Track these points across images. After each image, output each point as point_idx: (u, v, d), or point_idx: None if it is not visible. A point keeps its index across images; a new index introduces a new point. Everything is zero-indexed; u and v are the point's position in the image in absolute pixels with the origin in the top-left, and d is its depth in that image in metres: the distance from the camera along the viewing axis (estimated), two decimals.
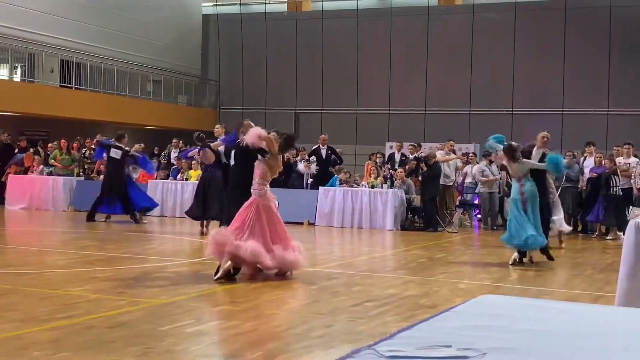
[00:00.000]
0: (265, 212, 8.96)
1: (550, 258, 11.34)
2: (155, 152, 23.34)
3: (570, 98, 23.00)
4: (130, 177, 16.73)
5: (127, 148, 16.59)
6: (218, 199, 13.29)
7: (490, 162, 17.24)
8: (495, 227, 17.32)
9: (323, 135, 19.17)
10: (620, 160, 15.72)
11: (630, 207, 14.35)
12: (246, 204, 8.95)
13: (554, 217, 12.91)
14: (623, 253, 7.30)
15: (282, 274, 9.15)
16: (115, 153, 16.29)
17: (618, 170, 15.49)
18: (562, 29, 23.09)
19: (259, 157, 9.07)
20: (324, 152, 18.83)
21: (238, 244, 8.64)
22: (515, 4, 23.77)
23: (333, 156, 18.97)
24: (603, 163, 16.06)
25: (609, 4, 22.69)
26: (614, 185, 15.51)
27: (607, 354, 2.43)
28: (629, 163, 15.53)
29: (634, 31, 22.65)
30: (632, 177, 15.24)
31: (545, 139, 11.62)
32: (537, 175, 11.36)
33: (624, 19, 22.73)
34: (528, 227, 10.85)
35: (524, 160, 11.33)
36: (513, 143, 11.65)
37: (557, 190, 15.87)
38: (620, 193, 15.39)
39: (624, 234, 8.68)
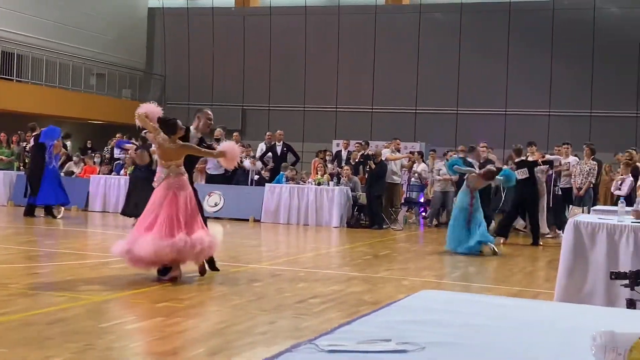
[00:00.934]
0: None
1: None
2: (89, 145, 22.94)
3: (513, 98, 23.37)
4: (52, 169, 16.10)
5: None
6: (147, 198, 13.34)
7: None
8: (438, 224, 17.58)
9: (279, 132, 19.09)
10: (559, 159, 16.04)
11: (570, 205, 14.67)
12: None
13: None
14: (562, 251, 7.45)
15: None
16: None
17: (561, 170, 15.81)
18: (506, 30, 23.45)
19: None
20: (279, 149, 18.75)
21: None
22: (461, 4, 24.05)
23: (289, 153, 18.92)
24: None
25: (551, 6, 23.13)
26: (554, 184, 15.83)
27: (545, 347, 2.46)
28: (569, 162, 15.85)
29: (575, 34, 23.12)
30: (572, 176, 15.56)
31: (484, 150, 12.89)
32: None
33: (566, 21, 23.19)
34: (473, 236, 12.01)
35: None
36: (492, 168, 12.95)
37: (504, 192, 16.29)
38: (560, 192, 15.68)
39: (563, 232, 8.89)
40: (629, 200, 12.43)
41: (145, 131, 13.71)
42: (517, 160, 14.32)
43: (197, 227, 8.47)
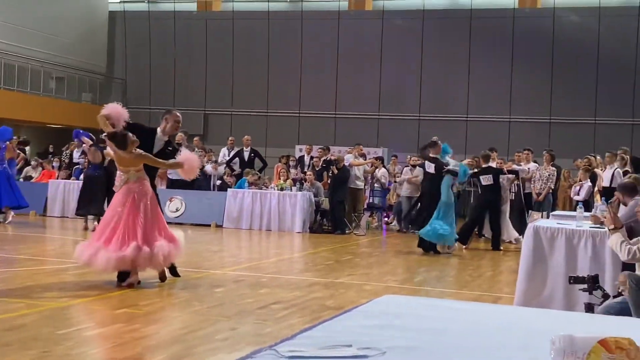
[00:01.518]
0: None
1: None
2: (50, 150, 22.65)
3: (474, 105, 23.60)
4: (3, 170, 15.75)
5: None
6: (102, 196, 14.03)
7: (414, 166, 17.50)
8: (406, 230, 17.65)
9: (246, 137, 18.99)
10: (521, 165, 16.21)
11: (530, 211, 14.84)
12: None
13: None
14: (522, 256, 7.54)
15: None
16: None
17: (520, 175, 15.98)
18: (468, 37, 23.67)
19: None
20: (246, 154, 18.65)
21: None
22: (423, 11, 24.23)
23: (256, 158, 18.83)
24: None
25: (512, 14, 23.42)
26: (514, 190, 15.99)
27: (505, 351, 2.48)
28: (529, 168, 16.04)
29: (535, 42, 23.43)
30: (532, 182, 15.75)
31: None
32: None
33: (526, 29, 23.49)
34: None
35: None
36: None
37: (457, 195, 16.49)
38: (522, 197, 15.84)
39: (523, 237, 8.98)
40: (587, 205, 12.63)
41: (104, 133, 13.58)
42: (484, 165, 14.43)
43: (158, 234, 8.39)
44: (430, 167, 13.48)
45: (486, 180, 14.18)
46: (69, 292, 7.96)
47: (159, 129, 8.92)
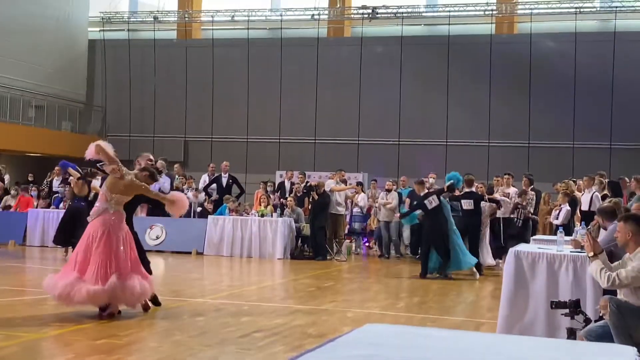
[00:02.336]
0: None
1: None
2: (30, 179, 22.45)
3: (453, 129, 23.73)
4: None
5: None
6: (83, 228, 13.62)
7: (388, 190, 17.60)
8: (399, 255, 17.69)
9: (225, 163, 18.96)
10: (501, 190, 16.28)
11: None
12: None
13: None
14: (503, 281, 7.55)
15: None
16: None
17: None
18: (446, 63, 23.86)
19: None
20: (224, 180, 18.61)
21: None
22: (401, 37, 24.40)
23: (234, 185, 18.79)
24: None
25: (489, 40, 23.65)
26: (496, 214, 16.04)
27: None
28: (509, 193, 16.11)
29: (513, 67, 23.64)
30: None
31: None
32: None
33: (504, 55, 23.70)
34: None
35: None
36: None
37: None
38: (501, 223, 15.87)
39: (504, 262, 9.00)
40: (568, 229, 12.70)
41: (101, 163, 13.47)
42: (466, 190, 14.49)
43: (132, 271, 8.33)
44: (470, 204, 14.14)
45: (467, 204, 14.28)
46: (48, 322, 7.87)
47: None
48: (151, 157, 9.31)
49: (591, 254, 6.16)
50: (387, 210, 17.48)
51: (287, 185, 19.29)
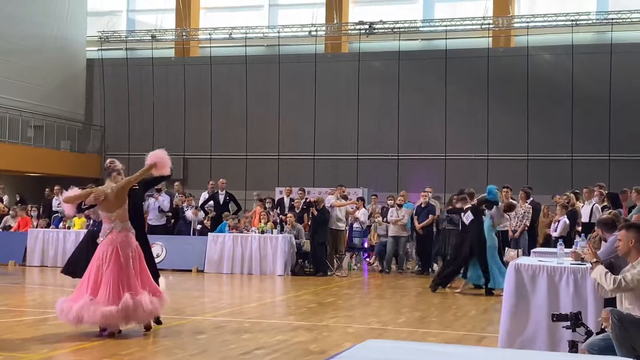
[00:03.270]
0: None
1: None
2: (17, 199, 22.18)
3: (452, 143, 23.76)
4: None
5: None
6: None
7: (400, 205, 17.53)
8: (401, 270, 17.67)
9: (221, 180, 18.97)
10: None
11: (506, 248, 14.84)
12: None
13: None
14: (504, 294, 7.54)
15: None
16: None
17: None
18: (444, 77, 23.92)
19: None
20: (221, 198, 18.60)
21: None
22: (399, 52, 24.48)
23: (231, 202, 18.78)
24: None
25: (487, 54, 23.73)
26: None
27: None
28: None
29: (511, 80, 23.69)
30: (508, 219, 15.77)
31: None
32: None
33: (501, 68, 23.76)
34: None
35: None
36: (512, 202, 15.06)
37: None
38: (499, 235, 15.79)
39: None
40: (569, 241, 12.67)
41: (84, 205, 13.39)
42: (471, 204, 14.20)
43: (142, 287, 8.34)
44: (468, 220, 13.86)
45: (468, 218, 14.14)
46: (49, 343, 7.85)
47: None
48: (115, 162, 9.14)
49: (594, 259, 6.17)
50: (397, 226, 17.40)
51: (287, 201, 19.29)
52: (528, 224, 15.76)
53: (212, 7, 28.09)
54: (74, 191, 8.72)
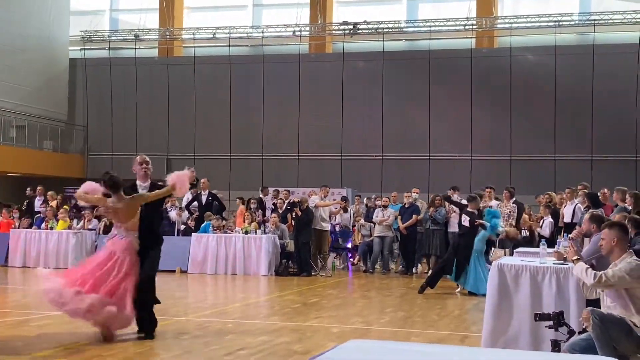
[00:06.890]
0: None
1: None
2: None
3: (436, 143, 23.82)
4: None
5: None
6: None
7: (385, 206, 17.54)
8: (385, 270, 17.66)
9: (204, 180, 18.89)
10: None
11: (492, 248, 14.87)
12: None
13: None
14: (487, 294, 7.56)
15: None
16: None
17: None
18: (427, 77, 23.98)
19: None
20: (204, 198, 18.52)
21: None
22: (382, 52, 24.52)
23: (215, 202, 18.70)
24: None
25: (470, 54, 23.81)
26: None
27: None
28: (491, 206, 16.11)
29: (494, 80, 23.80)
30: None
31: None
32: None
33: (485, 68, 23.86)
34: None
35: None
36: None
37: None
38: None
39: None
40: (551, 241, 12.73)
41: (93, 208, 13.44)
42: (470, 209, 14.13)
43: (108, 294, 8.22)
44: (466, 221, 13.78)
45: (467, 221, 14.12)
46: (32, 344, 7.79)
47: (137, 181, 8.97)
48: (139, 158, 9.13)
49: (575, 257, 6.21)
50: (383, 226, 17.43)
51: (269, 202, 19.22)
52: (514, 224, 15.81)
53: (195, 6, 28.03)
54: (88, 187, 8.70)
